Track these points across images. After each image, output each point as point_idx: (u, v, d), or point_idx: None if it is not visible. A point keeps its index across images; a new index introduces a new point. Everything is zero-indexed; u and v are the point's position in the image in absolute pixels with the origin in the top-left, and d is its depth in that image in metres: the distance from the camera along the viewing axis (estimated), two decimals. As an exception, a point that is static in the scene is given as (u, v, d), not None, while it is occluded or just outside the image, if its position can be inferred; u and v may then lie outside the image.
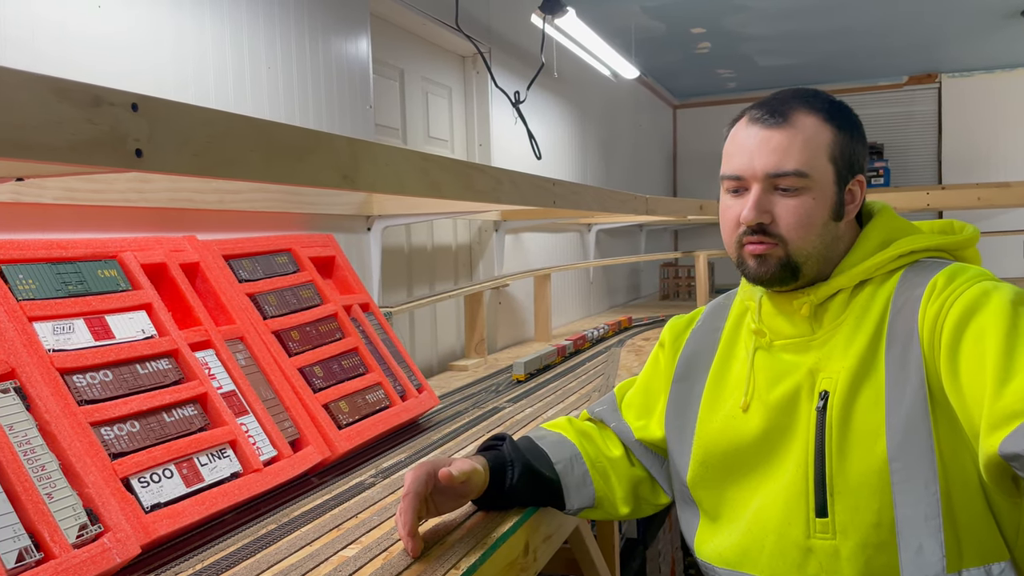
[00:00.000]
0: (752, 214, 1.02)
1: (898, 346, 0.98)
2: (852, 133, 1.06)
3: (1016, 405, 0.82)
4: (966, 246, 1.09)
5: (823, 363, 1.03)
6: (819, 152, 1.02)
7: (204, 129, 0.83)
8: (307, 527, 1.14)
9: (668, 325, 1.29)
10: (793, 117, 1.03)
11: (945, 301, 0.95)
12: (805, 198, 1.02)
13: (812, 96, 1.06)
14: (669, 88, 6.16)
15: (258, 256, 1.55)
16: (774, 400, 1.06)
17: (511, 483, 1.14)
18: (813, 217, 1.02)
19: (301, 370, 1.45)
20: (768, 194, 1.03)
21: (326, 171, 1.05)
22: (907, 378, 0.96)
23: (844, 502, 0.98)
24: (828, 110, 1.05)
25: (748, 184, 1.04)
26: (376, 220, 2.13)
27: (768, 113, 1.04)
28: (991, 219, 5.47)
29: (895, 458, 0.95)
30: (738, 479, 1.10)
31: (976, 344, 0.90)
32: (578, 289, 4.13)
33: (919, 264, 1.04)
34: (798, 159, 1.01)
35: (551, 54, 3.19)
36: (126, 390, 1.13)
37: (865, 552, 0.96)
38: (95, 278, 1.20)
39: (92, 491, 0.97)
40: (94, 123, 0.71)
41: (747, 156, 1.04)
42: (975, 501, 0.95)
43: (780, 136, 1.02)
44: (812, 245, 1.03)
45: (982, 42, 4.92)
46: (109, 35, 1.40)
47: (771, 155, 1.02)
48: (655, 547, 2.84)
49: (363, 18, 2.16)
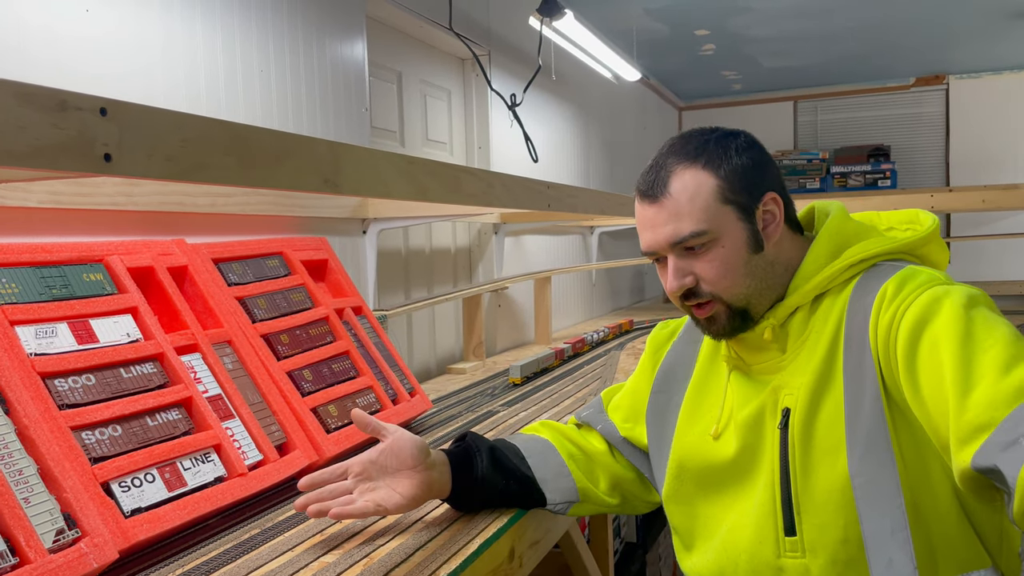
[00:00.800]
0: (675, 284, 1.04)
1: (853, 358, 0.97)
2: (738, 164, 1.03)
3: (981, 417, 0.81)
4: (924, 243, 1.06)
5: (785, 380, 1.02)
6: (709, 202, 1.01)
7: (176, 133, 0.83)
8: (290, 532, 1.13)
9: (652, 333, 1.28)
10: (671, 181, 1.02)
11: (896, 311, 0.93)
12: (716, 250, 1.02)
13: (684, 146, 1.05)
14: (674, 90, 6.14)
15: (248, 259, 1.55)
16: (742, 420, 1.05)
17: (481, 468, 1.14)
18: (732, 263, 1.01)
19: (290, 374, 1.45)
20: (684, 259, 1.03)
21: (306, 175, 1.04)
22: (864, 391, 0.95)
23: (811, 520, 0.97)
24: (703, 156, 1.03)
25: (663, 255, 1.05)
26: (371, 223, 2.12)
27: (648, 186, 1.04)
28: (999, 222, 5.43)
29: (857, 473, 0.94)
30: (711, 497, 1.09)
31: (932, 355, 0.88)
32: (581, 291, 4.12)
33: (874, 269, 1.02)
34: (691, 220, 1.01)
35: (549, 56, 3.18)
36: (109, 394, 1.13)
37: (835, 569, 0.95)
38: (80, 282, 1.20)
39: (70, 496, 0.97)
40: (60, 128, 0.70)
41: (648, 233, 1.05)
42: (947, 510, 0.93)
43: (666, 207, 1.02)
44: (744, 287, 1.02)
45: (990, 43, 4.89)
46: (97, 39, 1.41)
47: (666, 226, 1.02)
48: (655, 551, 2.82)
49: (359, 21, 2.16)
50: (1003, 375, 0.81)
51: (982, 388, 0.82)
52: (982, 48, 5.04)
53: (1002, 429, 0.78)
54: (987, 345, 0.85)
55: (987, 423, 0.80)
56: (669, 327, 1.27)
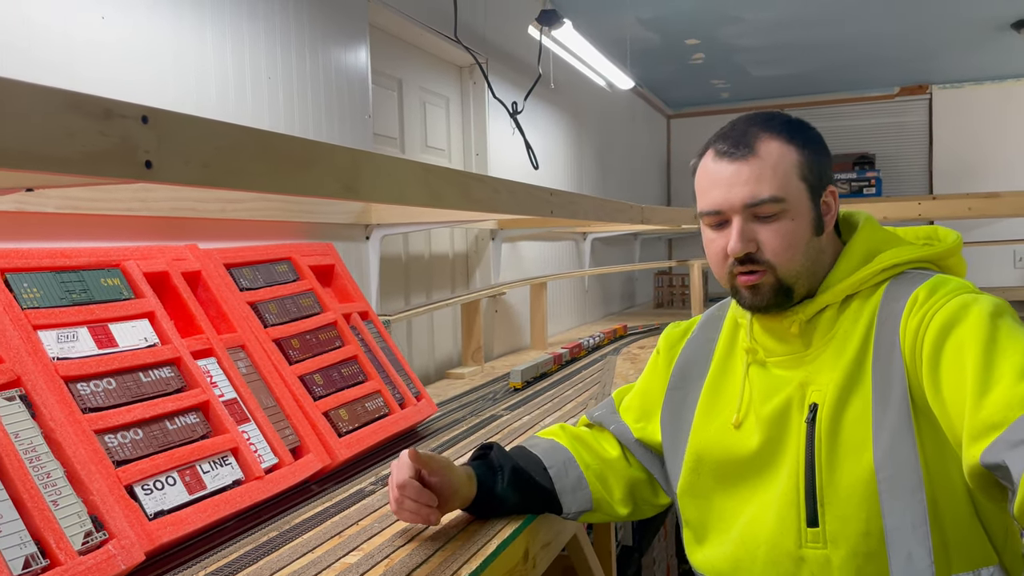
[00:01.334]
0: (739, 245, 1.04)
1: (883, 358, 1.00)
2: (815, 147, 1.07)
3: (995, 416, 0.84)
4: (949, 255, 1.11)
5: (813, 376, 1.05)
6: (790, 174, 1.04)
7: (211, 141, 0.84)
8: (308, 534, 1.15)
9: (664, 333, 1.30)
10: (757, 145, 1.04)
11: (925, 314, 0.97)
12: (785, 221, 1.04)
13: (769, 120, 1.08)
14: (664, 98, 6.20)
15: (259, 265, 1.56)
16: (767, 414, 1.07)
17: (501, 487, 1.16)
18: (796, 237, 1.05)
19: (301, 378, 1.46)
20: (749, 223, 1.05)
21: (328, 181, 1.06)
22: (891, 390, 0.98)
23: (834, 512, 0.99)
24: (788, 131, 1.06)
25: (728, 217, 1.06)
26: (375, 229, 2.14)
27: (733, 145, 1.06)
28: (981, 229, 5.51)
29: (881, 468, 0.97)
30: (728, 490, 1.11)
31: (956, 356, 0.92)
32: (574, 297, 4.15)
33: (903, 276, 1.06)
34: (772, 185, 1.03)
35: (548, 65, 3.21)
36: (129, 398, 1.14)
37: (855, 561, 0.98)
38: (98, 287, 1.21)
39: (97, 498, 0.98)
40: (105, 135, 0.72)
41: (722, 191, 1.05)
42: (961, 507, 0.97)
43: (749, 167, 1.04)
44: (800, 264, 1.05)
45: (972, 54, 4.97)
46: (112, 46, 1.42)
47: (745, 186, 1.04)
48: (650, 554, 2.85)
49: (362, 29, 2.18)
50: (1021, 379, 0.85)
51: (1000, 390, 0.85)
52: (964, 59, 5.12)
53: (1014, 428, 0.82)
54: (1009, 352, 0.88)
55: (1000, 422, 0.83)
56: (682, 326, 1.29)
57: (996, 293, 3.87)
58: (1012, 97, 5.71)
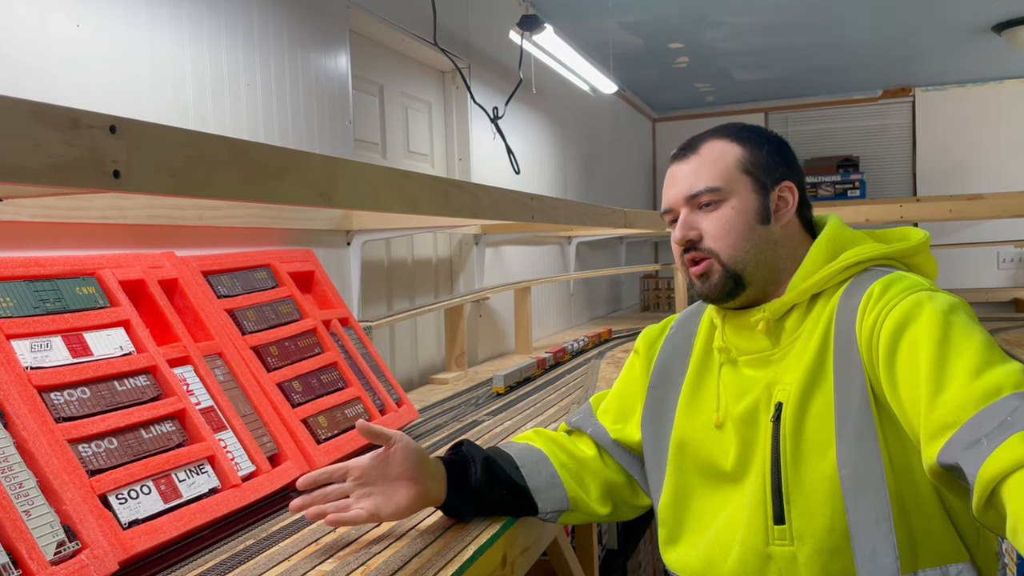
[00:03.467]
0: (679, 233, 1.13)
1: (843, 355, 1.01)
2: (763, 147, 1.13)
3: (948, 416, 0.85)
4: (915, 253, 1.12)
5: (779, 376, 1.06)
6: (729, 167, 1.11)
7: (181, 150, 0.84)
8: (285, 542, 1.14)
9: (642, 334, 1.32)
10: (701, 147, 1.14)
11: (880, 312, 0.98)
12: (724, 209, 1.10)
13: (722, 127, 1.16)
14: (648, 102, 6.22)
15: (237, 272, 1.56)
16: (738, 416, 1.09)
17: (475, 478, 1.16)
18: (735, 223, 1.09)
19: (280, 385, 1.46)
20: (693, 215, 1.12)
21: (303, 189, 1.06)
22: (852, 387, 0.99)
23: (799, 509, 1.01)
24: (735, 132, 1.14)
25: (677, 213, 1.14)
26: (355, 235, 2.14)
27: (680, 150, 1.16)
28: (964, 231, 5.56)
29: (845, 464, 0.98)
30: (708, 491, 1.13)
31: (910, 354, 0.93)
32: (559, 301, 4.16)
33: (865, 273, 1.07)
34: (708, 176, 1.11)
35: (529, 70, 3.22)
36: (104, 407, 1.13)
37: (821, 557, 0.99)
38: (73, 295, 1.20)
39: (70, 508, 0.98)
40: (72, 145, 0.72)
41: (671, 189, 1.15)
42: (927, 503, 0.97)
43: (690, 164, 1.13)
44: (744, 251, 1.09)
45: (954, 57, 5.02)
46: (88, 53, 1.41)
47: (685, 181, 1.13)
48: (635, 558, 2.85)
49: (342, 34, 2.18)
50: (973, 378, 0.86)
51: (952, 389, 0.86)
52: (946, 62, 5.17)
53: (966, 429, 0.83)
54: (962, 349, 0.89)
55: (953, 422, 0.84)
56: (658, 327, 1.31)
57: (979, 295, 3.96)
58: (994, 99, 5.76)
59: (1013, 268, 5.84)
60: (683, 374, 1.20)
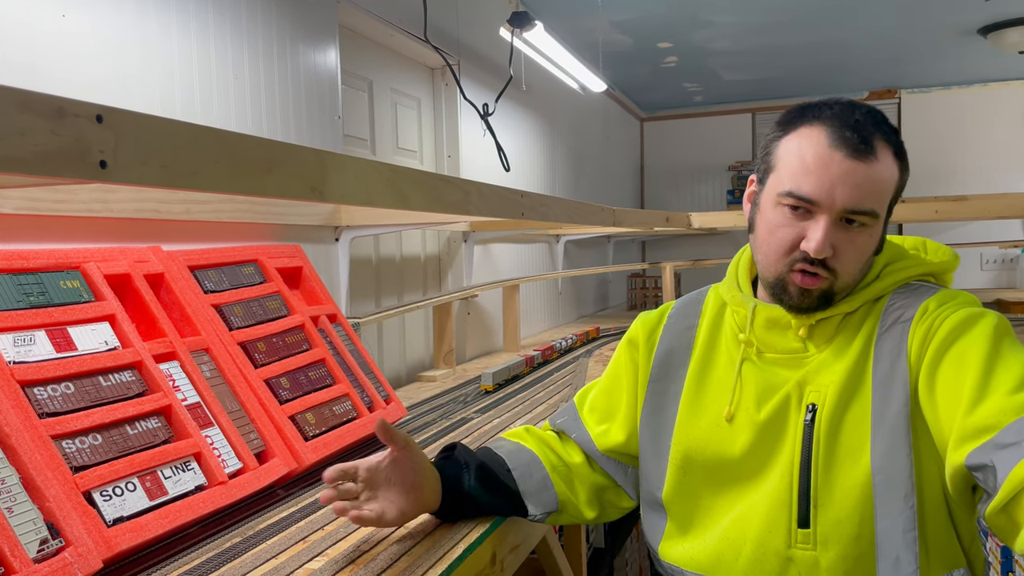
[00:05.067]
0: (824, 248, 0.98)
1: (885, 363, 1.01)
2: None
3: (987, 420, 0.86)
4: (948, 269, 1.13)
5: (811, 376, 1.05)
6: (888, 192, 1.01)
7: (170, 141, 0.83)
8: (272, 540, 1.13)
9: (638, 322, 1.25)
10: (878, 151, 0.99)
11: (934, 322, 0.99)
12: (867, 236, 1.01)
13: (885, 123, 1.02)
14: (636, 101, 6.22)
15: (224, 267, 1.54)
16: (764, 415, 1.06)
17: (468, 483, 1.15)
18: (867, 253, 1.04)
19: (267, 381, 1.44)
20: (838, 228, 0.99)
21: (294, 183, 1.05)
22: (892, 395, 0.99)
23: (827, 514, 1.00)
24: (898, 144, 1.02)
25: (818, 211, 0.99)
26: (344, 231, 2.12)
27: (859, 140, 0.98)
28: (948, 232, 5.60)
29: (878, 472, 0.97)
30: (718, 488, 1.10)
31: (957, 364, 0.94)
32: (547, 299, 4.15)
33: (907, 287, 1.07)
34: (877, 199, 0.99)
35: (519, 67, 3.21)
36: (88, 402, 1.12)
37: (845, 564, 0.99)
38: (57, 289, 1.19)
39: (53, 505, 0.96)
40: (58, 134, 0.70)
41: (827, 183, 0.98)
42: (941, 512, 0.99)
43: (866, 171, 0.98)
44: (855, 279, 1.05)
45: (940, 59, 5.05)
46: (74, 44, 1.39)
47: (855, 190, 0.97)
48: (622, 556, 2.85)
49: (332, 29, 2.16)
50: (1017, 390, 0.87)
51: (995, 398, 0.88)
52: (932, 64, 5.20)
53: (1005, 432, 0.84)
54: (1009, 364, 0.91)
55: (993, 425, 0.85)
56: (655, 313, 1.25)
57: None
58: (979, 101, 5.81)
59: (996, 269, 5.89)
60: (685, 366, 1.16)
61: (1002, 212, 3.74)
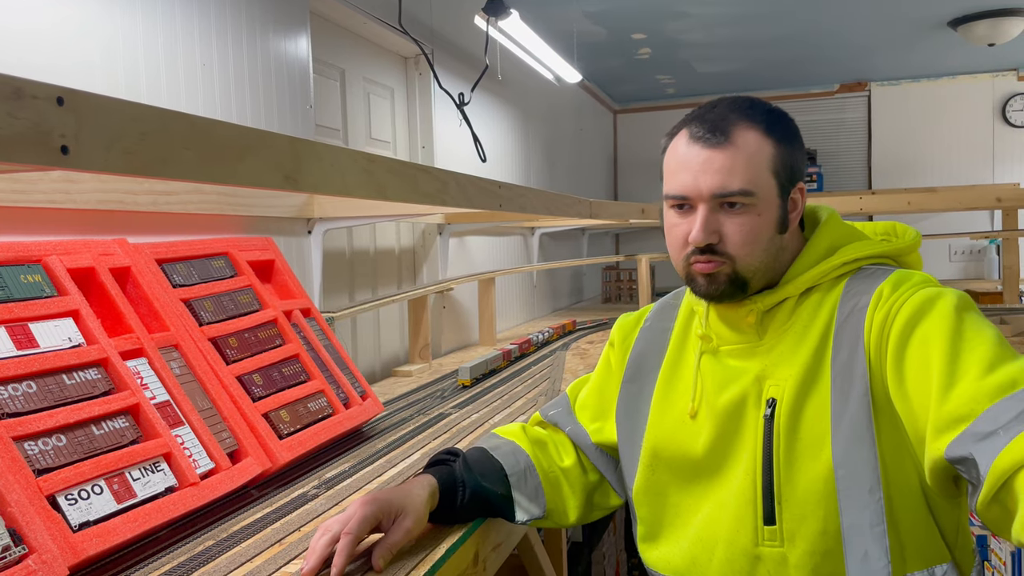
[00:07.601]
0: (701, 235, 1.01)
1: (844, 354, 0.99)
2: (791, 143, 1.05)
3: (961, 409, 0.84)
4: (909, 251, 1.11)
5: (770, 370, 1.03)
6: (762, 168, 1.01)
7: (136, 125, 0.78)
8: (247, 542, 1.09)
9: (617, 324, 1.27)
10: (734, 134, 1.01)
11: (891, 308, 0.96)
12: (751, 215, 1.01)
13: (750, 107, 1.04)
14: (610, 93, 6.21)
15: (193, 260, 1.49)
16: (721, 406, 1.05)
17: (460, 503, 1.11)
18: (760, 233, 1.02)
19: (239, 378, 1.40)
20: (714, 213, 1.02)
21: (267, 171, 1.00)
22: (852, 386, 0.97)
23: (791, 510, 0.98)
24: (767, 122, 1.03)
25: (694, 203, 1.03)
26: (317, 223, 2.08)
27: (709, 130, 1.02)
28: (918, 223, 5.66)
29: (840, 465, 0.95)
30: (684, 486, 1.09)
31: (921, 350, 0.91)
32: (522, 292, 4.12)
33: (863, 271, 1.05)
34: (743, 178, 1.00)
35: (495, 57, 3.17)
36: (51, 402, 1.07)
37: (812, 559, 0.97)
38: (17, 284, 1.13)
39: (15, 510, 0.91)
40: (15, 117, 0.66)
41: (691, 176, 1.02)
42: (916, 506, 0.96)
43: (723, 155, 1.00)
44: (759, 260, 1.03)
45: (909, 52, 5.10)
46: (35, 29, 1.33)
47: (715, 175, 1.00)
48: (600, 550, 2.84)
49: (302, 16, 2.11)
50: (987, 373, 0.84)
51: (965, 383, 0.85)
52: (902, 57, 5.25)
53: (981, 420, 0.81)
54: (974, 344, 0.88)
55: (967, 415, 0.83)
56: (633, 316, 1.26)
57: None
58: (948, 94, 5.88)
59: (964, 260, 5.97)
60: (658, 367, 1.17)
61: (973, 203, 3.78)
